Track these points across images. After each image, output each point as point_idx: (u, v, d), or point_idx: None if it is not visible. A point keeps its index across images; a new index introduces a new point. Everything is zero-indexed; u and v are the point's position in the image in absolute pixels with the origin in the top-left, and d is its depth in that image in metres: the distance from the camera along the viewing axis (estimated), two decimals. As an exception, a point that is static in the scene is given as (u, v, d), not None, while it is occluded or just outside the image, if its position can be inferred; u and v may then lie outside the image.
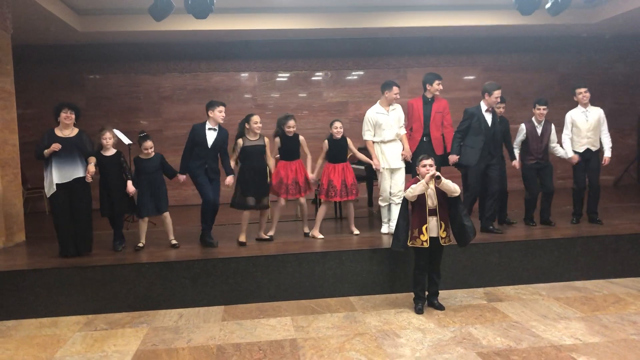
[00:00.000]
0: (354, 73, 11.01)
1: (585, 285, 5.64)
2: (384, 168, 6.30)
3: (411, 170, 6.47)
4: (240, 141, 6.09)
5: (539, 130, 6.60)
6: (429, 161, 4.80)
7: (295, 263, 5.51)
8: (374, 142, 6.35)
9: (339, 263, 5.56)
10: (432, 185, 4.76)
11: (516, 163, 6.61)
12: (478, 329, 4.50)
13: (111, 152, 5.97)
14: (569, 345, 4.07)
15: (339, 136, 6.30)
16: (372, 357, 4.00)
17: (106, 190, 5.92)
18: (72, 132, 5.76)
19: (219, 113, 6.05)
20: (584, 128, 6.59)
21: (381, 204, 6.46)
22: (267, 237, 6.27)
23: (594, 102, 6.80)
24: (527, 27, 9.76)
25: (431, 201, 4.80)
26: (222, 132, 6.15)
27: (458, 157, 6.32)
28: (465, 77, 11.11)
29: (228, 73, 10.64)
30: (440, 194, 4.81)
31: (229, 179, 6.03)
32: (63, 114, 5.69)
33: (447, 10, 9.53)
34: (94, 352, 4.33)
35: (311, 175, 6.34)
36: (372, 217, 7.92)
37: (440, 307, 5.00)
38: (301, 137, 6.35)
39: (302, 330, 4.62)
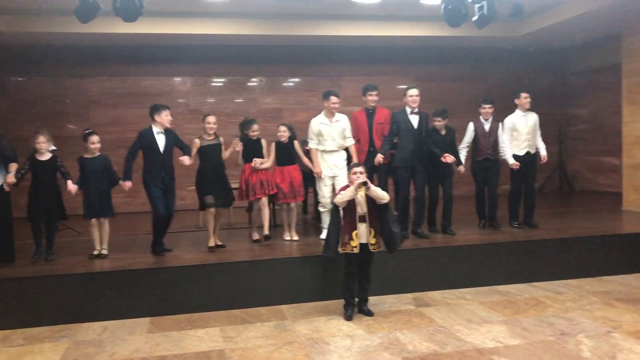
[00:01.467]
0: (289, 80, 11.03)
1: (508, 289, 5.85)
2: (325, 175, 6.37)
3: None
4: (197, 140, 6.04)
5: (487, 127, 6.88)
6: (359, 169, 4.87)
7: (226, 272, 5.44)
8: (317, 150, 6.43)
9: (271, 271, 5.53)
10: (362, 192, 4.82)
11: (462, 168, 6.82)
12: (405, 334, 4.57)
13: (46, 156, 5.73)
14: (491, 348, 4.20)
15: (282, 139, 6.44)
16: (300, 365, 3.99)
17: (37, 196, 5.67)
18: None
19: (165, 117, 5.89)
20: (525, 131, 6.91)
21: (321, 209, 6.55)
22: (221, 243, 6.26)
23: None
24: (456, 38, 10.09)
25: (361, 208, 4.85)
26: (169, 133, 5.99)
27: (383, 157, 6.30)
28: (398, 87, 11.30)
29: (159, 77, 10.43)
30: (370, 200, 4.87)
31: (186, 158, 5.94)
32: None
33: (380, 20, 9.73)
34: (8, 369, 4.11)
35: (260, 162, 6.36)
36: (307, 225, 7.93)
37: (370, 314, 5.06)
38: (263, 140, 6.43)
39: (230, 340, 4.55)
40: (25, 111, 9.87)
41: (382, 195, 4.83)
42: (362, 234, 4.86)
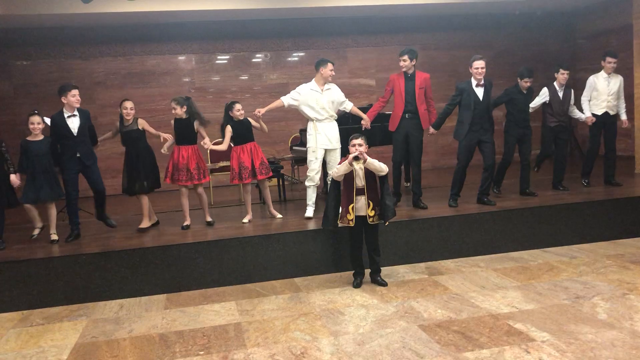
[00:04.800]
0: (294, 54, 10.93)
1: (522, 256, 5.84)
2: (318, 147, 6.14)
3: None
4: (117, 124, 6.05)
5: (561, 94, 6.93)
6: (358, 141, 4.80)
7: (239, 247, 5.46)
8: (310, 120, 6.20)
9: (283, 245, 5.55)
10: (360, 165, 4.79)
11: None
12: (420, 302, 4.59)
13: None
14: (506, 314, 4.21)
15: (241, 117, 6.17)
16: (316, 335, 4.02)
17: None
18: None
19: (72, 97, 5.63)
20: (605, 92, 7.06)
21: (307, 184, 6.27)
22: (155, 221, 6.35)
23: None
24: (461, 4, 9.93)
25: (359, 180, 4.83)
26: (83, 114, 5.81)
27: (435, 130, 6.47)
28: (404, 56, 11.19)
29: (164, 56, 10.36)
30: (369, 173, 4.84)
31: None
32: None
33: (384, -11, 9.58)
34: (29, 348, 4.17)
35: (209, 143, 6.09)
36: (317, 198, 7.91)
37: (383, 284, 5.07)
38: (196, 122, 6.07)
39: (246, 313, 4.59)
40: (31, 94, 9.85)
41: (379, 168, 4.79)
42: (361, 206, 4.86)
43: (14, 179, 5.60)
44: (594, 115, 7.10)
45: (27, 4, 8.53)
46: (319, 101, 6.14)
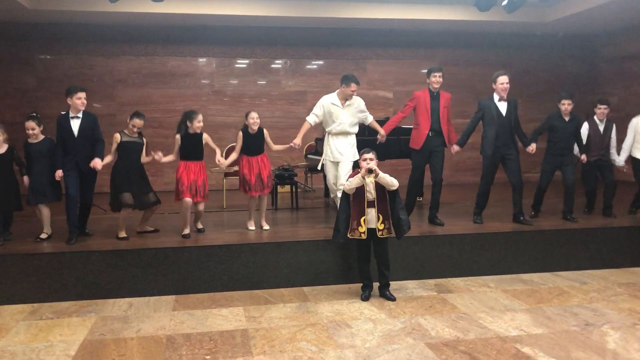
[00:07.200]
0: (313, 62, 10.98)
1: (532, 278, 5.81)
2: (328, 160, 6.16)
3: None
4: (117, 135, 5.77)
5: (601, 128, 6.82)
6: (370, 155, 4.85)
7: (250, 253, 5.48)
8: (325, 133, 6.24)
9: (294, 253, 5.57)
10: (371, 179, 4.81)
11: (584, 157, 6.69)
12: (428, 319, 4.58)
13: (1, 149, 5.69)
14: (514, 337, 4.19)
15: (255, 127, 6.03)
16: (322, 347, 4.02)
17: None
18: None
19: (77, 100, 5.59)
20: None
21: (332, 195, 6.43)
22: (151, 229, 6.10)
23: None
24: (483, 23, 9.95)
25: (370, 194, 4.86)
26: (88, 117, 5.72)
27: (459, 148, 6.40)
28: (423, 70, 11.14)
29: (185, 58, 10.45)
30: (380, 187, 4.88)
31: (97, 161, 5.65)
32: None
33: (406, 3, 9.63)
34: (38, 341, 4.21)
35: (223, 161, 6.02)
36: (329, 208, 7.94)
37: (392, 298, 5.07)
38: (205, 135, 5.99)
39: (254, 320, 4.61)
40: (52, 88, 9.97)
41: (390, 182, 4.82)
42: (371, 219, 4.90)
43: (27, 180, 5.72)
44: (636, 159, 6.85)
45: (54, -1, 8.68)
46: (339, 115, 6.11)
